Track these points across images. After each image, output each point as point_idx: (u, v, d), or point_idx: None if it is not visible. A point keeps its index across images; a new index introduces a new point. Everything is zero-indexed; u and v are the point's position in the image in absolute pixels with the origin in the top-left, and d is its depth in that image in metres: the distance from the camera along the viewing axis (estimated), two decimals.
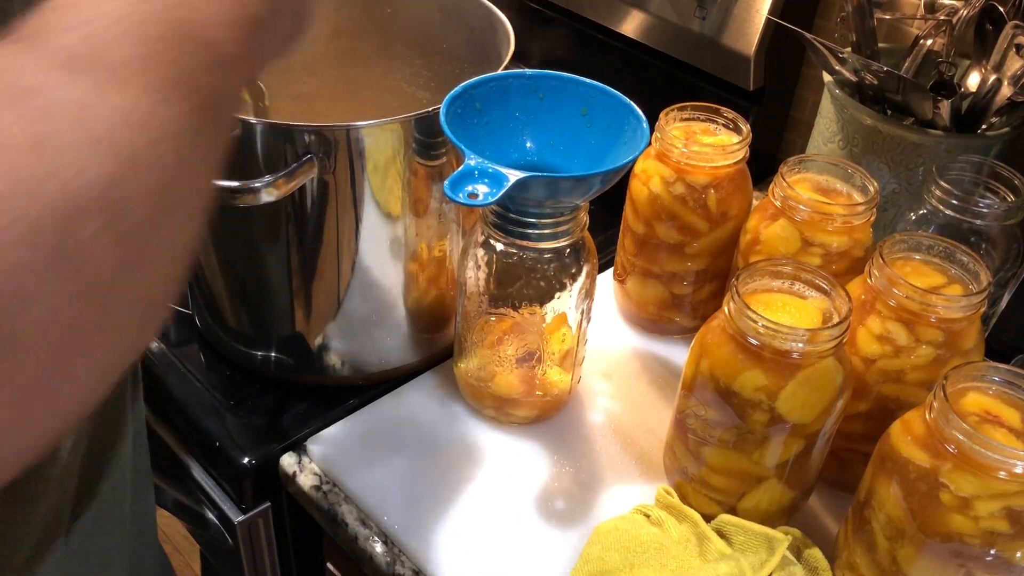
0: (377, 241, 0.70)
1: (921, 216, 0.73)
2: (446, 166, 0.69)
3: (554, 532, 0.66)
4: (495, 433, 0.73)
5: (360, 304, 0.73)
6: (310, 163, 0.63)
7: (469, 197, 0.54)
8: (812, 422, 0.59)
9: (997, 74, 0.76)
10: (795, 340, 0.56)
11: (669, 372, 0.80)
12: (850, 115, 0.81)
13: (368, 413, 0.74)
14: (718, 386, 0.59)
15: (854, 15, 0.81)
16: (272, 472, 0.73)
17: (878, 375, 0.62)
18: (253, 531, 0.76)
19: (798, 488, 0.63)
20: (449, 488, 0.68)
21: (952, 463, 0.52)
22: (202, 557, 0.98)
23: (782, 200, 0.69)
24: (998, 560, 0.52)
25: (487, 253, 0.67)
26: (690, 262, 0.77)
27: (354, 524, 0.67)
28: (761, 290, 0.62)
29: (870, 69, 0.77)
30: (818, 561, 0.62)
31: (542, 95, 0.66)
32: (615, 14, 1.03)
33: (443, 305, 0.77)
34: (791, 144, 1.05)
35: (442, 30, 0.83)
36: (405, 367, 0.78)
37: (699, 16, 0.95)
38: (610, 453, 0.72)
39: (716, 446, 0.62)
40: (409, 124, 0.65)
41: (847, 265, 0.69)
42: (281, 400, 0.77)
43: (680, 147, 0.73)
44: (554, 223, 0.63)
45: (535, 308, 0.68)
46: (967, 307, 0.60)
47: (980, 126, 0.79)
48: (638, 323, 0.84)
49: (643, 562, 0.61)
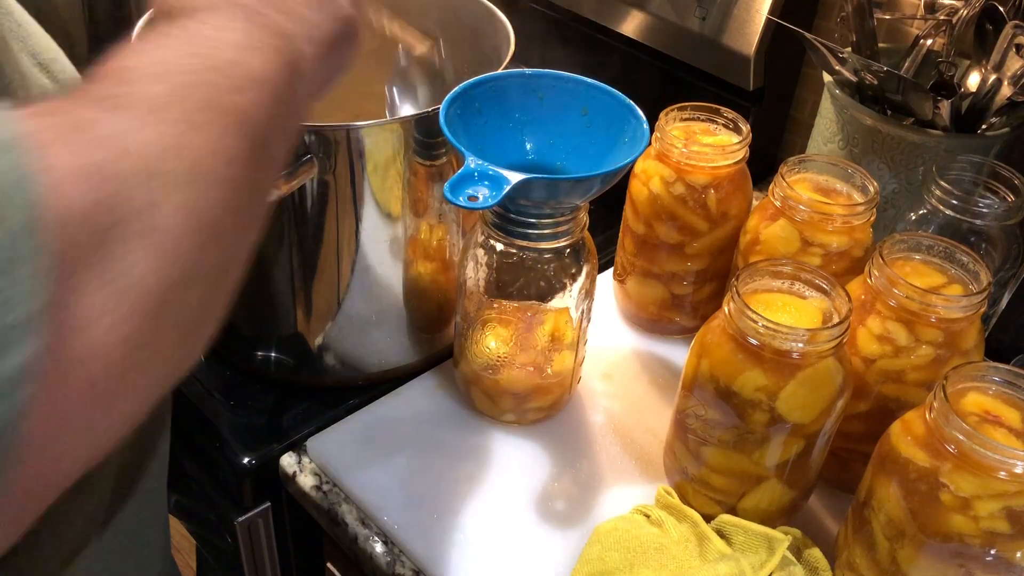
0: (377, 241, 0.70)
1: (921, 216, 0.73)
2: (446, 166, 0.69)
3: (554, 532, 0.66)
4: (495, 433, 0.73)
5: (360, 304, 0.73)
6: (310, 163, 0.63)
7: (469, 200, 0.54)
8: (812, 422, 0.59)
9: (997, 74, 0.76)
10: (795, 340, 0.56)
11: (669, 372, 0.80)
12: (850, 115, 0.81)
13: (368, 413, 0.74)
14: (718, 386, 0.59)
15: (854, 15, 0.81)
16: (272, 472, 0.73)
17: (878, 375, 0.62)
18: (253, 531, 0.76)
19: (798, 488, 0.63)
20: (449, 488, 0.68)
21: (952, 463, 0.52)
22: (198, 553, 0.98)
23: (782, 200, 0.69)
24: (998, 560, 0.52)
25: (487, 253, 0.67)
26: (690, 262, 0.77)
27: (354, 524, 0.67)
28: (761, 290, 0.62)
29: (870, 69, 0.77)
30: (818, 561, 0.62)
31: (542, 95, 0.66)
32: (615, 14, 1.03)
33: (443, 305, 0.77)
34: (791, 144, 1.05)
35: (442, 30, 0.83)
36: (405, 367, 0.78)
37: (699, 16, 0.95)
38: (610, 453, 0.72)
39: (716, 446, 0.62)
40: (409, 124, 0.65)
41: (847, 265, 0.69)
42: (281, 400, 0.77)
43: (680, 147, 0.73)
44: (554, 223, 0.63)
45: (535, 308, 0.68)
46: (967, 307, 0.60)
47: (980, 126, 0.79)
48: (638, 323, 0.84)
49: (643, 562, 0.61)
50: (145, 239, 0.29)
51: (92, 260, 0.28)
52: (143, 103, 0.32)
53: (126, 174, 0.29)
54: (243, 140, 0.35)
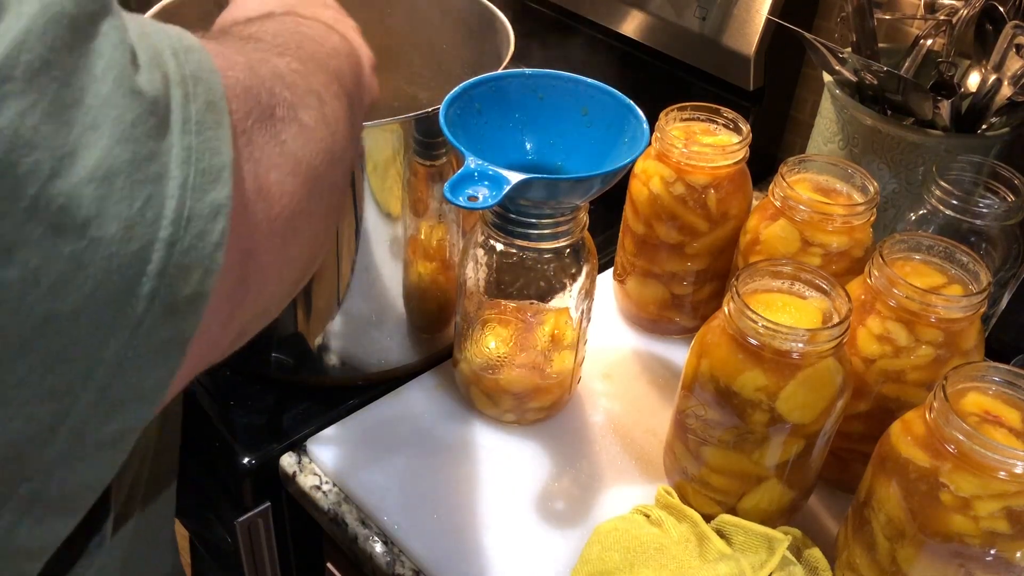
0: (377, 241, 0.70)
1: (921, 216, 0.73)
2: (446, 166, 0.69)
3: (554, 532, 0.66)
4: (495, 433, 0.73)
5: (360, 304, 0.73)
6: None
7: (469, 200, 0.54)
8: (812, 422, 0.59)
9: (997, 74, 0.76)
10: (795, 340, 0.56)
11: (669, 372, 0.80)
12: (850, 115, 0.81)
13: (368, 413, 0.74)
14: (718, 386, 0.59)
15: (854, 15, 0.81)
16: (272, 472, 0.73)
17: (878, 375, 0.62)
18: (253, 531, 0.76)
19: (798, 488, 0.63)
20: (449, 488, 0.68)
21: (952, 463, 0.52)
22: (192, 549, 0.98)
23: (782, 200, 0.69)
24: (998, 560, 0.52)
25: (487, 253, 0.67)
26: (690, 262, 0.77)
27: (354, 524, 0.67)
28: (761, 290, 0.62)
29: (870, 69, 0.77)
30: (818, 561, 0.62)
31: (542, 95, 0.66)
32: (615, 14, 1.03)
33: (443, 305, 0.77)
34: (791, 144, 1.05)
35: (442, 30, 0.83)
36: (405, 367, 0.78)
37: (699, 16, 0.95)
38: (610, 453, 0.72)
39: (716, 446, 0.62)
40: (409, 124, 0.65)
41: (847, 265, 0.69)
42: (281, 400, 0.77)
43: (680, 147, 0.73)
44: (554, 223, 0.63)
45: (535, 308, 0.68)
46: (967, 307, 0.60)
47: (980, 126, 0.79)
48: (638, 323, 0.84)
49: (643, 562, 0.61)
50: (293, 123, 0.37)
51: (260, 128, 0.35)
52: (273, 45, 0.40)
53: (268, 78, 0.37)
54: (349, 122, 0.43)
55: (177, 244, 0.29)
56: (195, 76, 0.31)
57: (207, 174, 0.30)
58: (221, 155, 0.31)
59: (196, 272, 0.29)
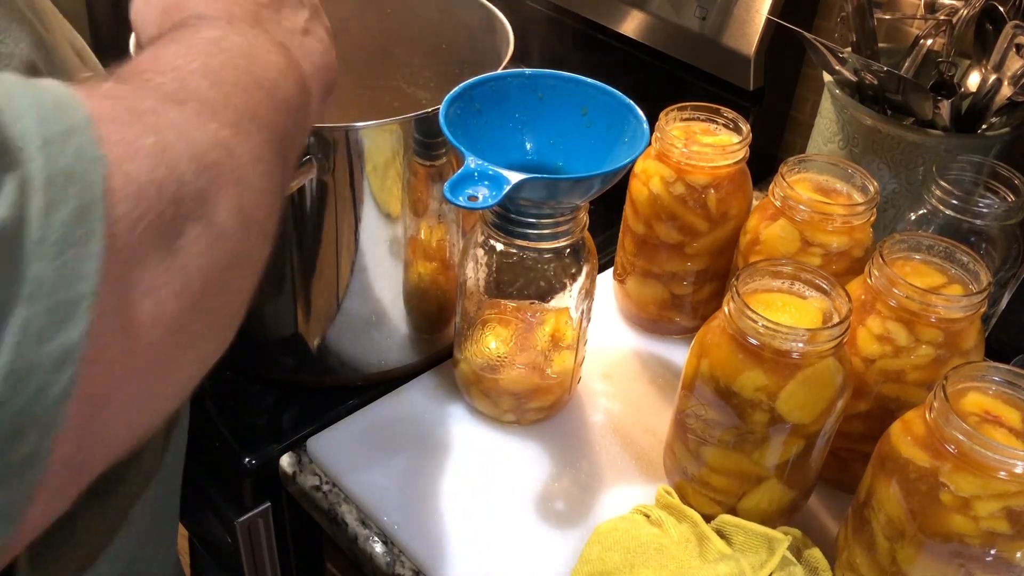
0: (377, 241, 0.70)
1: (921, 216, 0.73)
2: (446, 166, 0.69)
3: (554, 532, 0.66)
4: (495, 433, 0.73)
5: (360, 304, 0.73)
6: (309, 164, 0.63)
7: (469, 200, 0.54)
8: (812, 422, 0.59)
9: (997, 74, 0.76)
10: (795, 340, 0.56)
11: (669, 372, 0.80)
12: (850, 115, 0.81)
13: (368, 413, 0.74)
14: (718, 386, 0.59)
15: (854, 15, 0.81)
16: (272, 472, 0.73)
17: (878, 375, 0.62)
18: (253, 531, 0.76)
19: (798, 488, 0.63)
20: (449, 488, 0.68)
21: (952, 463, 0.52)
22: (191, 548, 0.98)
23: (782, 200, 0.69)
24: (998, 560, 0.52)
25: (487, 253, 0.67)
26: (690, 262, 0.77)
27: (354, 524, 0.67)
28: (761, 290, 0.62)
29: (870, 69, 0.77)
30: (818, 561, 0.62)
31: (542, 95, 0.66)
32: (615, 14, 1.03)
33: (443, 305, 0.77)
34: (791, 144, 1.05)
35: (442, 30, 0.83)
36: (405, 367, 0.78)
37: (699, 16, 0.95)
38: (610, 453, 0.72)
39: (716, 446, 0.62)
40: (409, 124, 0.65)
41: (847, 265, 0.69)
42: (281, 400, 0.77)
43: (680, 147, 0.73)
44: (554, 223, 0.63)
45: (535, 308, 0.68)
46: (967, 307, 0.60)
47: (980, 126, 0.79)
48: (638, 323, 0.84)
49: (643, 562, 0.61)
50: (199, 223, 0.31)
51: (151, 237, 0.29)
52: (197, 100, 0.34)
53: (182, 161, 0.31)
54: (276, 154, 0.38)
55: (6, 405, 0.24)
56: (68, 173, 0.26)
57: (58, 311, 0.25)
58: (82, 282, 0.26)
59: (31, 433, 0.25)
